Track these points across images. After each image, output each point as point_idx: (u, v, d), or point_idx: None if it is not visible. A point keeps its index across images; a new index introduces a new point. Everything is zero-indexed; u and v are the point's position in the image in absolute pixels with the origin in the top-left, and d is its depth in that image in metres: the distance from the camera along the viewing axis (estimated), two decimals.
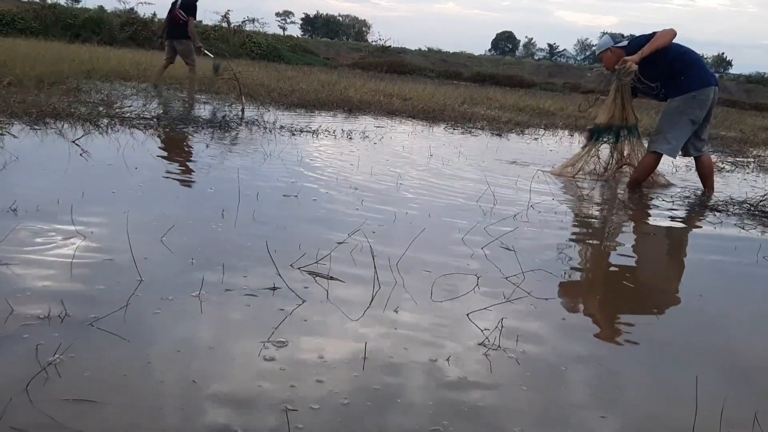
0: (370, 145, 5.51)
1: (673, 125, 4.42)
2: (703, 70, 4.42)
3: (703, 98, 4.33)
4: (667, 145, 4.44)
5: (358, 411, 1.39)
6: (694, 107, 4.35)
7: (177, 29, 9.03)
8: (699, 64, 4.44)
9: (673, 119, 4.42)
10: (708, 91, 4.33)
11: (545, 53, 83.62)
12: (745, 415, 1.49)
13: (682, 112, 4.38)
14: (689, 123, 4.39)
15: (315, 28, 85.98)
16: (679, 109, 4.39)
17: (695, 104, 4.34)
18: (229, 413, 1.33)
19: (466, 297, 2.08)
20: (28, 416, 1.25)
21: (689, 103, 4.35)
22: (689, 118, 4.38)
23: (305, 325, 1.78)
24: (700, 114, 4.37)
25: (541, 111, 11.37)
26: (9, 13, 18.75)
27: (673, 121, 4.41)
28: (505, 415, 1.43)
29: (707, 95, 4.33)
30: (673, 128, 4.42)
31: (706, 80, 4.35)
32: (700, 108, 4.35)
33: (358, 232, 2.52)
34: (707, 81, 4.35)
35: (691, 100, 4.34)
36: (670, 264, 3.06)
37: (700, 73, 4.37)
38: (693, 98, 4.34)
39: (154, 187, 3.24)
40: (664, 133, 4.45)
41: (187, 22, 8.98)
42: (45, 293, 1.80)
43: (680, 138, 4.43)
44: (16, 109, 4.86)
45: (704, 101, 4.34)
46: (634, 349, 1.89)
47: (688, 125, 4.40)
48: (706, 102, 4.35)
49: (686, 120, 4.38)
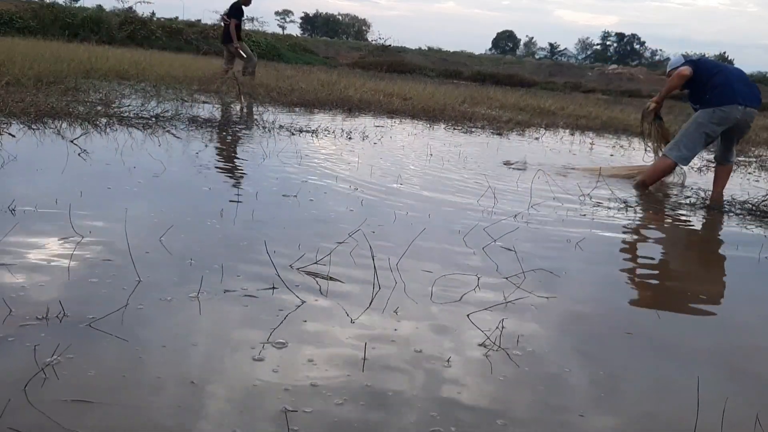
0: (370, 145, 5.50)
1: (688, 135, 4.51)
2: (729, 88, 4.43)
3: (724, 115, 4.37)
4: (678, 153, 4.52)
5: (358, 411, 1.38)
6: (713, 122, 4.40)
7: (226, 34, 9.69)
8: (726, 83, 4.45)
9: (689, 130, 4.51)
10: (730, 109, 4.35)
11: (546, 52, 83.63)
12: (747, 415, 1.48)
13: (700, 124, 4.45)
14: (704, 136, 4.46)
15: (314, 27, 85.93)
16: (697, 120, 4.47)
17: (714, 119, 4.39)
18: (228, 414, 1.32)
19: (466, 297, 2.08)
20: (27, 417, 1.24)
21: (709, 116, 4.41)
22: (704, 131, 4.44)
23: (304, 325, 1.77)
24: (717, 129, 4.43)
25: (542, 110, 11.36)
26: (7, 12, 18.72)
27: (689, 132, 4.50)
28: (505, 416, 1.42)
29: (728, 113, 4.36)
30: (687, 138, 4.50)
31: (729, 98, 4.38)
32: (719, 124, 4.40)
33: (357, 232, 2.51)
34: (731, 99, 4.38)
35: (711, 114, 4.40)
36: (671, 264, 3.05)
37: (725, 91, 4.41)
38: (713, 113, 4.39)
39: (152, 187, 3.23)
40: (677, 141, 4.56)
41: (229, 24, 9.57)
42: (43, 294, 1.79)
43: (692, 148, 4.51)
44: (15, 109, 4.85)
45: (725, 118, 4.38)
46: (635, 349, 1.88)
47: (701, 137, 4.47)
48: (727, 119, 4.38)
49: (701, 133, 4.45)
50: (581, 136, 8.67)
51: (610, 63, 51.90)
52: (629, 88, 27.49)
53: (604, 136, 8.90)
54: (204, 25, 25.74)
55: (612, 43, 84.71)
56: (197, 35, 22.33)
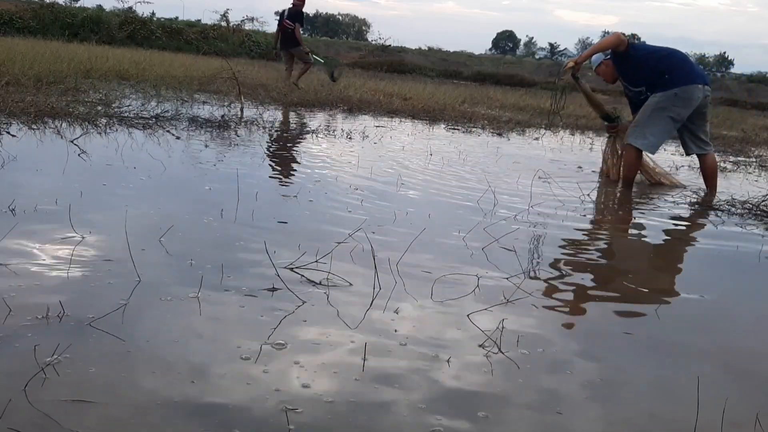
0: (370, 145, 5.50)
1: (651, 121, 4.34)
2: (688, 69, 4.35)
3: (686, 96, 4.26)
4: (644, 140, 4.36)
5: (358, 412, 1.38)
6: (677, 105, 4.27)
7: (288, 38, 9.98)
8: (684, 64, 4.37)
9: (652, 115, 4.33)
10: (692, 89, 4.25)
11: (546, 52, 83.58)
12: (747, 415, 1.48)
13: (663, 108, 4.30)
14: (670, 120, 4.32)
15: (314, 27, 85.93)
16: (659, 105, 4.31)
17: (678, 102, 4.27)
18: (228, 414, 1.32)
19: (466, 298, 2.08)
20: (27, 416, 1.24)
21: (671, 100, 4.27)
22: (669, 116, 4.30)
23: (304, 326, 1.77)
24: (682, 112, 4.29)
25: (542, 110, 11.35)
26: (7, 13, 18.71)
27: (652, 117, 4.33)
28: (505, 416, 1.42)
29: (691, 93, 4.26)
30: (651, 124, 4.34)
31: (691, 78, 4.28)
32: (684, 106, 4.28)
33: (357, 232, 2.51)
34: (692, 79, 4.28)
35: (673, 97, 4.27)
36: (671, 264, 3.05)
37: (685, 72, 4.30)
38: (675, 95, 4.26)
39: (152, 187, 3.23)
40: (641, 127, 4.38)
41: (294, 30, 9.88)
42: (43, 293, 1.79)
43: (659, 135, 4.36)
44: (15, 109, 4.85)
45: (688, 99, 4.26)
46: (635, 349, 1.88)
47: (668, 122, 4.33)
48: (690, 100, 4.27)
49: (666, 117, 4.30)
50: (581, 136, 8.67)
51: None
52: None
53: (604, 136, 8.88)
54: (204, 25, 25.73)
55: None
56: (197, 35, 22.32)
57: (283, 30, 9.99)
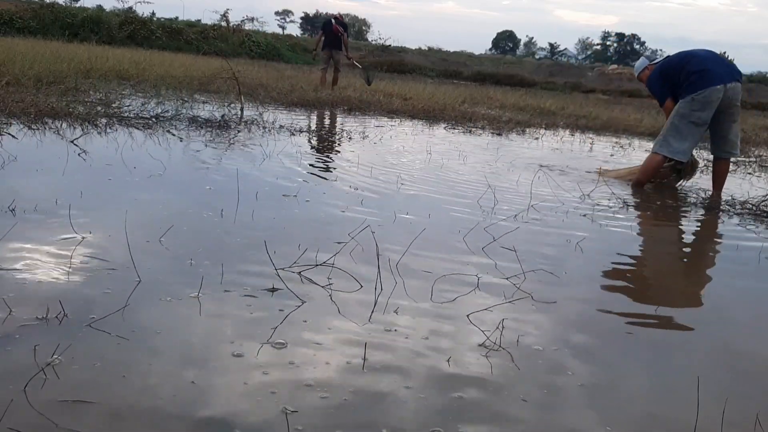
0: (370, 145, 5.50)
1: (673, 128, 4.47)
2: (704, 72, 4.37)
3: (703, 99, 4.31)
4: (669, 148, 4.48)
5: (358, 412, 1.38)
6: (695, 109, 4.36)
7: (337, 42, 11.19)
8: (699, 69, 4.39)
9: (673, 122, 4.47)
10: (709, 92, 4.30)
11: (546, 52, 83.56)
12: (747, 415, 1.48)
13: (683, 115, 4.41)
14: (692, 125, 4.41)
15: (314, 27, 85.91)
16: (678, 112, 4.43)
17: (696, 106, 4.35)
18: (228, 414, 1.32)
19: (466, 298, 2.08)
20: (27, 417, 1.24)
21: (688, 105, 4.38)
22: (690, 121, 4.40)
23: (305, 326, 1.77)
24: (702, 115, 4.36)
25: (542, 110, 11.36)
26: (7, 13, 18.72)
27: (674, 124, 4.47)
28: (505, 416, 1.42)
29: (707, 95, 4.31)
30: (674, 131, 4.47)
31: (706, 81, 4.33)
32: (702, 109, 4.34)
33: (357, 233, 2.51)
34: (707, 82, 4.32)
35: (690, 102, 4.36)
36: (671, 264, 3.05)
37: (701, 76, 4.36)
38: (691, 101, 4.35)
39: (152, 187, 3.23)
40: (665, 135, 4.53)
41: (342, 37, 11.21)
42: (43, 294, 1.79)
43: (682, 140, 4.45)
44: (15, 109, 4.85)
45: (705, 102, 4.32)
46: (636, 349, 1.88)
47: (690, 128, 4.42)
48: (708, 102, 4.32)
49: (687, 123, 4.41)
50: (581, 135, 8.67)
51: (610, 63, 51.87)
52: (629, 88, 27.46)
53: (604, 136, 8.90)
54: (204, 25, 25.74)
55: (612, 43, 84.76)
56: (197, 35, 22.33)
57: (333, 34, 11.16)
